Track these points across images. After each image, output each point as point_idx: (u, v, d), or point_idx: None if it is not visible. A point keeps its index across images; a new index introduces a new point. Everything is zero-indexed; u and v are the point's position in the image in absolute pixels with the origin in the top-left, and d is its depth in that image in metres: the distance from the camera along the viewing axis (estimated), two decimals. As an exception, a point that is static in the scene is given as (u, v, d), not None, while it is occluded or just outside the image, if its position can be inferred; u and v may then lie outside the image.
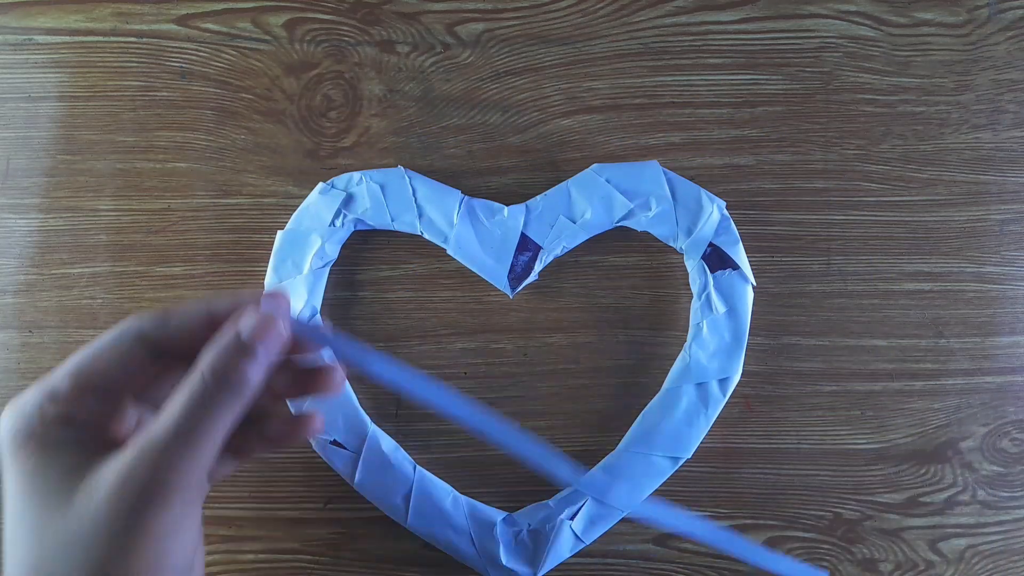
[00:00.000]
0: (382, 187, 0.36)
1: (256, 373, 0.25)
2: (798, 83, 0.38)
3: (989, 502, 0.37)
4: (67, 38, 0.38)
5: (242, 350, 0.25)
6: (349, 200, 0.36)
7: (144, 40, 0.38)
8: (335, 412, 0.35)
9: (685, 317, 0.37)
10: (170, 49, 0.38)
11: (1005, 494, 0.37)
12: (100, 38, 0.38)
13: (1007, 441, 0.37)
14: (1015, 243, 0.38)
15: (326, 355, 0.27)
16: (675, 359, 0.36)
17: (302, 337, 0.26)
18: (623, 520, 0.35)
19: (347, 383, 0.36)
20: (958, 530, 0.37)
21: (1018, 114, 0.38)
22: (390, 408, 0.37)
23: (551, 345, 0.37)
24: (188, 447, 0.24)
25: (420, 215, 0.36)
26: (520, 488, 0.37)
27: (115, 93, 0.38)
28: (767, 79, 0.38)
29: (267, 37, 0.38)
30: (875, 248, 0.38)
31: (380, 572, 0.37)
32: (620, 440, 0.36)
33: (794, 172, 0.38)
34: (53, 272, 0.37)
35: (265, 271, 0.36)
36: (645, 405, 0.36)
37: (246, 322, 0.25)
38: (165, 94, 0.38)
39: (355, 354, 0.26)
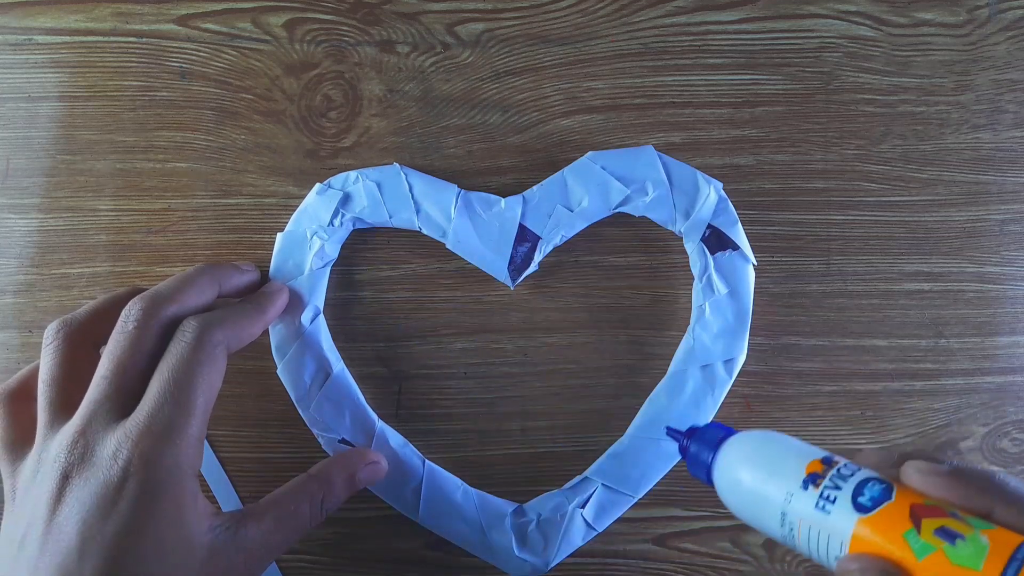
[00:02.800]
0: (378, 184, 0.36)
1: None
2: (798, 83, 0.38)
3: (989, 502, 0.37)
4: (67, 38, 0.38)
5: (353, 488, 0.33)
6: (347, 199, 0.36)
7: (144, 40, 0.38)
8: (342, 410, 0.35)
9: (685, 316, 0.37)
10: (170, 49, 0.38)
11: (1005, 494, 0.37)
12: (100, 38, 0.38)
13: (1007, 441, 0.37)
14: (1015, 243, 0.38)
15: None
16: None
17: None
18: (623, 519, 0.35)
19: (351, 379, 0.36)
20: (958, 530, 0.37)
21: (1018, 114, 0.38)
22: (391, 407, 0.37)
23: (551, 345, 0.37)
24: (288, 544, 0.31)
25: (417, 211, 0.36)
26: (520, 488, 0.37)
27: (115, 93, 0.38)
28: (767, 79, 0.38)
29: (267, 37, 0.38)
30: (875, 248, 0.38)
31: (380, 572, 0.37)
32: (619, 439, 0.36)
33: (794, 172, 0.38)
34: (53, 272, 0.37)
35: (265, 271, 0.36)
36: (643, 405, 0.36)
37: (365, 466, 0.34)
38: (165, 94, 0.38)
39: None
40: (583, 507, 0.35)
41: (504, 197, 0.36)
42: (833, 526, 0.23)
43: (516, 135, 0.38)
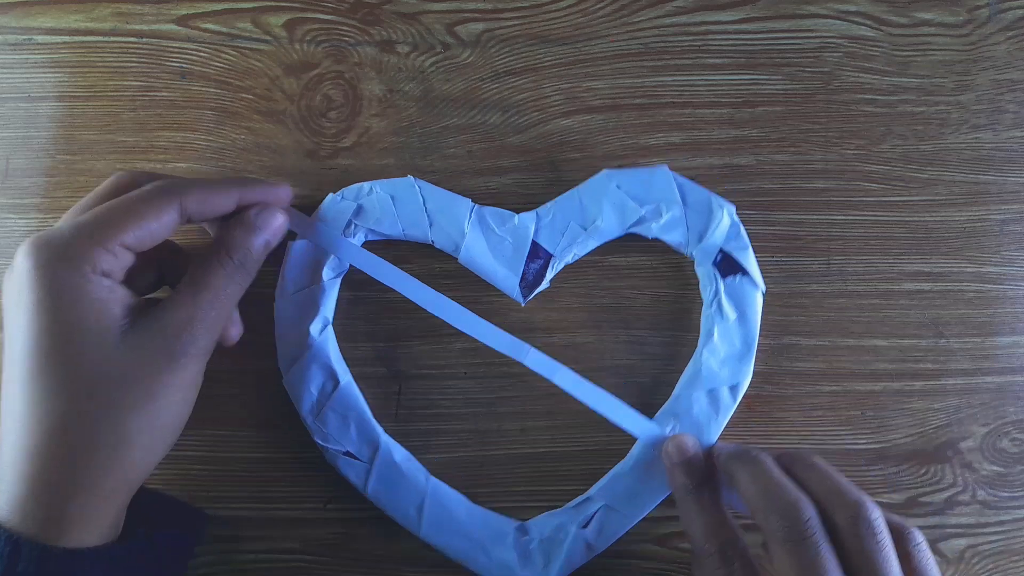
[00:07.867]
0: (392, 197, 0.36)
1: (260, 249, 0.32)
2: (798, 83, 0.38)
3: (989, 502, 0.37)
4: (67, 38, 0.38)
5: (253, 232, 0.32)
6: (359, 211, 0.35)
7: (144, 40, 0.38)
8: (348, 423, 0.35)
9: (685, 317, 0.37)
10: (170, 49, 0.38)
11: (1005, 494, 0.37)
12: (100, 38, 0.38)
13: (1007, 441, 0.37)
14: (1015, 243, 0.38)
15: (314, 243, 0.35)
16: (675, 358, 0.36)
17: (297, 227, 0.35)
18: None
19: (358, 391, 0.36)
20: (958, 530, 0.37)
21: (1018, 114, 0.38)
22: (389, 408, 0.37)
23: (551, 345, 0.37)
24: (215, 310, 0.30)
25: (431, 224, 0.35)
26: (518, 488, 0.37)
27: (115, 93, 0.38)
28: (767, 79, 0.38)
29: (267, 37, 0.38)
30: (875, 248, 0.38)
31: (380, 572, 0.37)
32: (620, 439, 0.36)
33: (794, 172, 0.38)
34: (53, 272, 0.37)
35: (264, 271, 0.36)
36: (644, 406, 0.36)
37: (257, 212, 0.32)
38: (165, 94, 0.38)
39: (340, 247, 0.35)
40: (585, 527, 0.35)
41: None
42: None
43: (516, 135, 0.38)
